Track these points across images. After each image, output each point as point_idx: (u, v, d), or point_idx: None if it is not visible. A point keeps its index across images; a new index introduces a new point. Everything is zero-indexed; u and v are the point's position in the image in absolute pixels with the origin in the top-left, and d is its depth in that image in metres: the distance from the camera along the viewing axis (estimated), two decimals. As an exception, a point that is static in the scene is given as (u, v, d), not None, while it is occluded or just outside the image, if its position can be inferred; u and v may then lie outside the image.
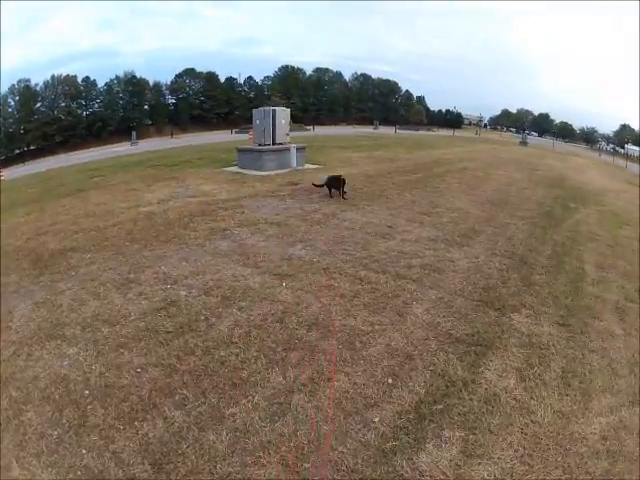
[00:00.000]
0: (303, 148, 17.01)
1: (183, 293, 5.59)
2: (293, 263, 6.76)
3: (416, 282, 6.40)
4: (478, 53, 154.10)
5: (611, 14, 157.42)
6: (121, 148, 41.31)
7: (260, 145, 15.66)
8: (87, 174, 18.84)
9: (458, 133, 71.30)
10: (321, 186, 11.49)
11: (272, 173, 14.61)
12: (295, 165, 15.87)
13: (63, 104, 66.88)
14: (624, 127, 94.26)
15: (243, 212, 9.54)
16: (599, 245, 9.27)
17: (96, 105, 71.07)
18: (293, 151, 15.95)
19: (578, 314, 5.61)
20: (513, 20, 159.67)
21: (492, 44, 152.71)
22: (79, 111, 68.78)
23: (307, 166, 16.57)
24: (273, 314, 5.08)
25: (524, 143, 55.07)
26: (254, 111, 16.35)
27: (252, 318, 4.99)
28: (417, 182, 14.47)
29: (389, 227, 8.87)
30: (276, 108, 16.18)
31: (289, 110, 17.18)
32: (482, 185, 15.54)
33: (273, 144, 15.72)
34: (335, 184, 11.18)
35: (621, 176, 33.83)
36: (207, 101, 76.77)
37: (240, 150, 16.72)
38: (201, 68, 78.41)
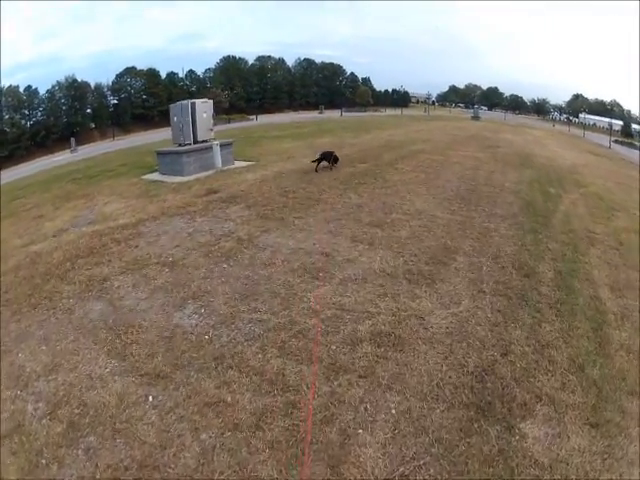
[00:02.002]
0: (230, 144, 15.03)
1: (30, 409, 3.92)
2: (173, 347, 4.57)
3: (364, 379, 3.94)
4: (425, 35, 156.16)
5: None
6: (60, 157, 38.08)
7: (180, 145, 13.75)
8: (12, 195, 16.82)
9: (406, 112, 70.27)
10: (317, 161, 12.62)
11: (193, 178, 12.68)
12: (220, 165, 13.83)
13: (7, 116, 63.21)
14: (577, 97, 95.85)
15: (137, 245, 7.46)
16: (603, 250, 7.67)
17: (39, 114, 67.82)
18: (216, 149, 13.83)
19: (612, 396, 3.89)
20: (459, 3, 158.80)
21: (438, 27, 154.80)
22: (22, 122, 65.27)
23: (236, 164, 14.66)
24: (126, 467, 3.20)
25: (476, 118, 54.43)
26: (170, 107, 14.52)
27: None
28: (364, 175, 12.25)
29: (325, 255, 6.55)
30: (195, 100, 14.29)
31: (211, 102, 15.17)
32: (443, 172, 13.34)
33: (194, 143, 13.84)
34: (327, 158, 12.69)
35: (583, 146, 33.35)
36: (149, 99, 74.23)
37: (159, 153, 14.59)
38: (146, 66, 76.60)
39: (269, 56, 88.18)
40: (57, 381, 4.22)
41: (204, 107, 14.24)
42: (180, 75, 79.95)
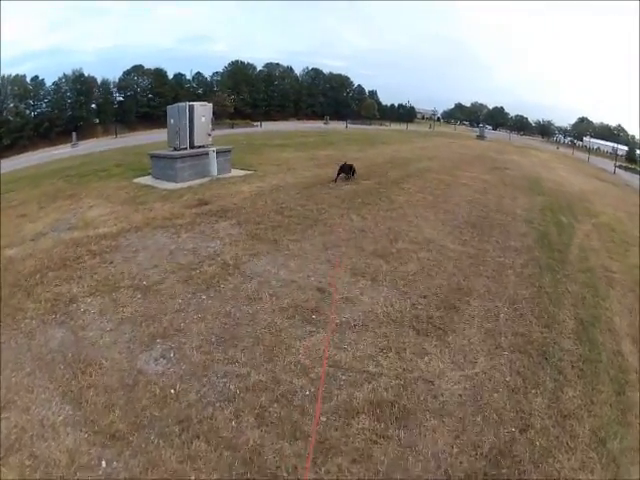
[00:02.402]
0: (228, 151, 14.12)
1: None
2: (134, 399, 3.83)
3: (358, 465, 3.24)
4: (433, 48, 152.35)
5: (566, 12, 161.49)
6: (61, 150, 36.61)
7: (175, 149, 12.73)
8: (3, 188, 15.56)
9: (411, 127, 69.17)
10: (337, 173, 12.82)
11: (186, 185, 11.71)
12: (216, 173, 12.86)
13: (12, 105, 61.96)
14: (582, 120, 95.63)
15: (112, 261, 6.60)
16: (623, 293, 7.05)
17: (44, 105, 66.24)
18: (213, 156, 12.83)
19: (629, 471, 3.45)
20: (468, 16, 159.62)
21: (446, 39, 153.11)
22: (27, 112, 63.83)
23: (233, 172, 13.73)
24: None
25: (481, 137, 53.52)
26: (168, 108, 13.56)
27: None
28: (368, 194, 11.31)
29: (321, 292, 5.72)
30: (194, 103, 13.16)
31: (210, 105, 14.03)
32: (452, 194, 12.54)
33: (191, 147, 12.83)
34: (346, 170, 12.87)
35: (588, 171, 32.61)
36: (155, 98, 72.40)
37: (153, 156, 13.48)
38: (154, 65, 75.26)
39: (277, 63, 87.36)
40: (10, 421, 3.63)
41: (203, 110, 13.39)
42: (187, 77, 79.27)
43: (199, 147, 12.95)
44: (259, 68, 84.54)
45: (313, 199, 10.30)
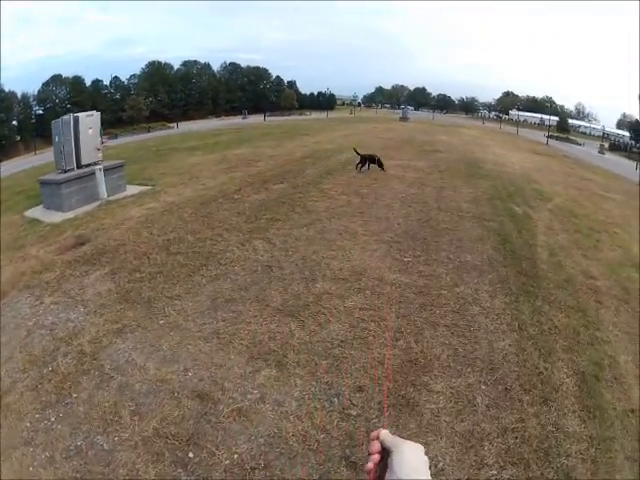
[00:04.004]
0: (120, 166, 12.80)
1: None
2: None
3: None
4: (353, 36, 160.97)
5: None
6: None
7: (63, 172, 11.35)
8: None
9: (332, 115, 69.18)
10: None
11: (73, 214, 10.31)
12: (106, 195, 11.52)
13: None
14: (507, 94, 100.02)
15: None
16: (613, 308, 6.04)
17: None
18: (100, 176, 11.45)
19: None
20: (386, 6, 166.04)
21: (366, 27, 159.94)
22: None
23: (129, 190, 12.38)
24: None
25: (405, 118, 53.02)
26: (52, 124, 12.16)
27: None
28: (280, 203, 9.92)
29: (203, 400, 4.05)
30: (79, 114, 11.88)
31: (98, 114, 12.73)
32: (382, 192, 11.07)
33: (78, 167, 11.47)
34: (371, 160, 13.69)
35: (522, 145, 32.85)
36: (73, 108, 69.58)
37: (42, 183, 11.91)
38: (80, 73, 74.96)
39: (195, 61, 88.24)
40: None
41: (89, 122, 11.88)
42: (105, 82, 78.62)
43: (87, 166, 11.57)
44: (177, 67, 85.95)
45: (210, 221, 8.71)
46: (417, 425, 3.58)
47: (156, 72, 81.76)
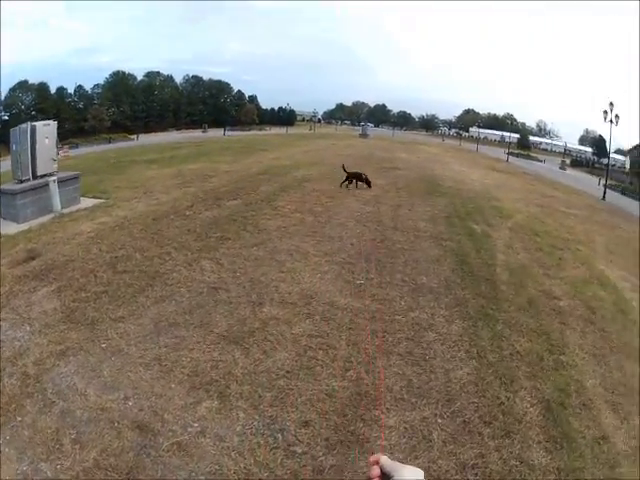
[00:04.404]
0: (75, 178, 12.64)
1: None
2: None
3: None
4: (315, 51, 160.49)
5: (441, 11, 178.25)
6: None
7: (19, 182, 11.30)
8: None
9: (292, 130, 70.65)
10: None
11: (27, 226, 10.20)
12: (59, 207, 11.31)
13: None
14: (468, 111, 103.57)
15: None
16: (579, 329, 6.04)
17: None
18: (54, 188, 11.25)
19: None
20: (352, 17, 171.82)
21: (329, 42, 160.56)
22: None
23: (83, 203, 12.19)
24: None
25: (364, 135, 54.72)
26: (11, 132, 12.01)
27: None
28: (231, 221, 9.76)
29: (143, 432, 3.92)
30: (36, 123, 11.80)
31: (55, 123, 12.57)
32: (337, 210, 10.99)
33: (34, 178, 11.38)
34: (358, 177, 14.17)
35: (481, 162, 34.10)
36: (37, 115, 68.47)
37: (1, 192, 11.61)
38: (45, 80, 74.46)
39: (158, 72, 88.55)
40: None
41: (46, 131, 11.76)
42: (70, 91, 78.26)
43: (43, 176, 11.43)
44: (140, 78, 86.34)
45: (159, 238, 8.55)
46: (367, 464, 3.29)
47: (120, 82, 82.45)
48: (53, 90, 76.37)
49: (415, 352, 4.89)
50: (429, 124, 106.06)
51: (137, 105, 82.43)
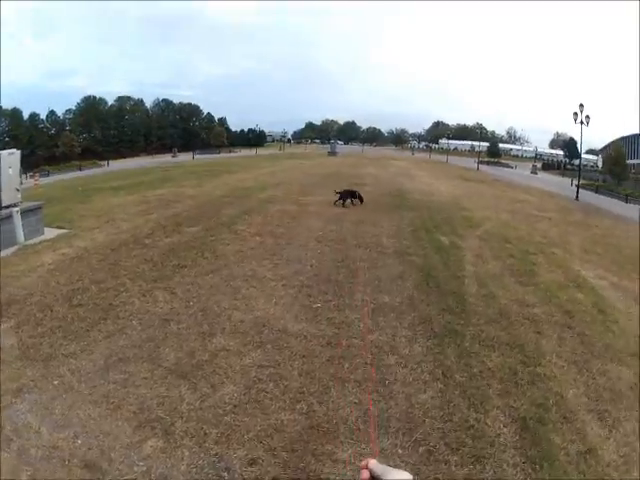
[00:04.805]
0: (38, 208, 12.50)
1: None
2: None
3: None
4: (284, 71, 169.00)
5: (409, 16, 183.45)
6: None
7: None
8: None
9: (261, 151, 71.91)
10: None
11: None
12: (23, 239, 11.21)
13: None
14: (437, 124, 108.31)
15: None
16: (556, 337, 5.90)
17: None
18: (17, 219, 11.22)
19: None
20: (317, 38, 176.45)
21: (298, 62, 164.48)
22: None
23: (47, 234, 11.98)
24: None
25: (333, 153, 55.97)
26: None
27: None
28: (189, 248, 9.65)
29: (90, 471, 3.84)
30: (1, 152, 11.44)
31: (18, 152, 12.22)
32: (298, 231, 10.89)
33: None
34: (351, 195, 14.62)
35: (451, 172, 34.61)
36: (10, 142, 70.46)
37: None
38: (19, 105, 77.58)
39: (128, 97, 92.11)
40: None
41: (10, 160, 11.55)
42: (42, 116, 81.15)
43: (7, 207, 11.22)
44: (111, 102, 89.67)
45: (116, 269, 8.46)
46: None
47: (91, 107, 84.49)
48: (26, 116, 78.67)
49: (373, 378, 4.63)
50: (399, 139, 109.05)
51: (108, 130, 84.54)
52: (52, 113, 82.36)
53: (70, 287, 7.62)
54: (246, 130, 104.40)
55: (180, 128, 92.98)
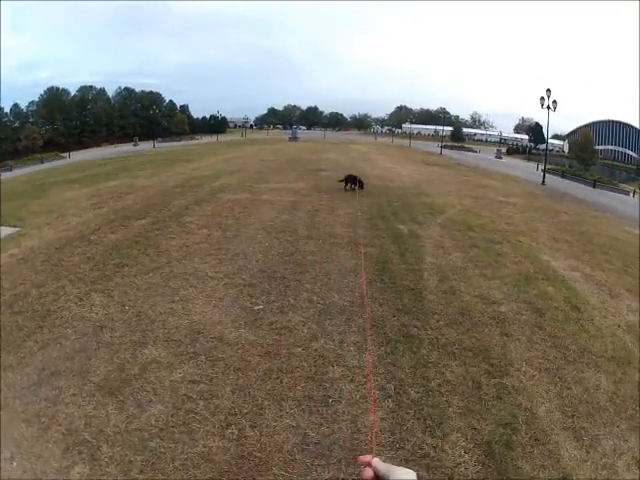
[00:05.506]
0: None
1: None
2: None
3: None
4: (248, 58, 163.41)
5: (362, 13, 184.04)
6: None
7: None
8: None
9: (223, 138, 71.52)
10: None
11: None
12: None
13: None
14: (400, 108, 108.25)
15: None
16: (526, 338, 5.44)
17: None
18: None
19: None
20: (281, 26, 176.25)
21: (261, 48, 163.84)
22: None
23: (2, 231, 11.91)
24: None
25: (294, 138, 55.95)
26: None
27: None
28: (133, 244, 9.13)
29: None
30: None
31: None
32: (248, 222, 10.28)
33: None
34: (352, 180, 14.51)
35: (414, 157, 34.54)
36: None
37: None
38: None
39: (91, 86, 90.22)
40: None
41: None
42: (6, 110, 79.20)
43: None
44: (74, 92, 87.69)
45: (58, 270, 8.03)
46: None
47: (53, 99, 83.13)
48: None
49: (315, 396, 4.11)
50: (362, 123, 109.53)
51: (70, 121, 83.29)
52: (16, 106, 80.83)
53: (13, 292, 7.26)
54: (208, 117, 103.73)
55: (142, 117, 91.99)
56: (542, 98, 27.33)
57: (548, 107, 27.23)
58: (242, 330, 5.28)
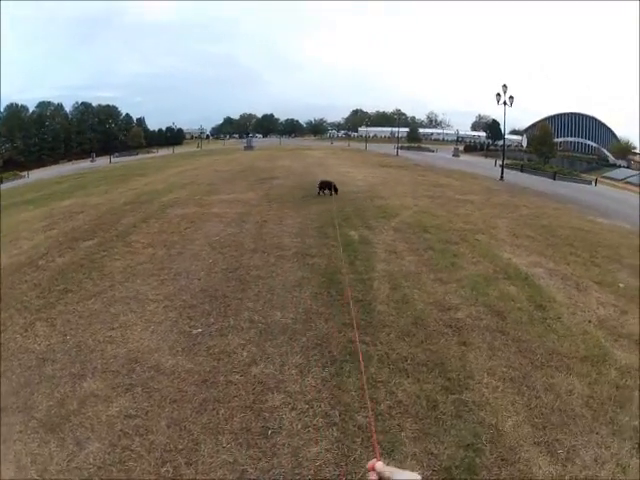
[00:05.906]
0: None
1: None
2: None
3: None
4: (204, 68, 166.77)
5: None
6: None
7: None
8: None
9: (180, 150, 72.17)
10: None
11: None
12: None
13: None
14: (356, 112, 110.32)
15: None
16: (486, 347, 5.11)
17: None
18: None
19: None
20: (236, 34, 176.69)
21: (216, 58, 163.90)
22: None
23: None
24: None
25: (250, 147, 55.96)
26: None
27: None
28: (78, 268, 8.81)
29: None
30: None
31: None
32: (194, 238, 9.95)
33: None
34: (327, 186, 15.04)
35: (369, 159, 34.55)
36: None
37: None
38: None
39: (49, 102, 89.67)
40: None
41: None
42: None
43: None
44: (32, 109, 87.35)
45: (6, 299, 7.67)
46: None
47: (12, 116, 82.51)
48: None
49: (253, 427, 3.83)
50: (317, 128, 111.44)
51: (29, 139, 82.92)
52: (-24, 124, 79.51)
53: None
54: (164, 129, 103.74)
55: (99, 131, 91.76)
56: (498, 94, 27.84)
57: (505, 103, 27.73)
58: (179, 357, 4.96)
